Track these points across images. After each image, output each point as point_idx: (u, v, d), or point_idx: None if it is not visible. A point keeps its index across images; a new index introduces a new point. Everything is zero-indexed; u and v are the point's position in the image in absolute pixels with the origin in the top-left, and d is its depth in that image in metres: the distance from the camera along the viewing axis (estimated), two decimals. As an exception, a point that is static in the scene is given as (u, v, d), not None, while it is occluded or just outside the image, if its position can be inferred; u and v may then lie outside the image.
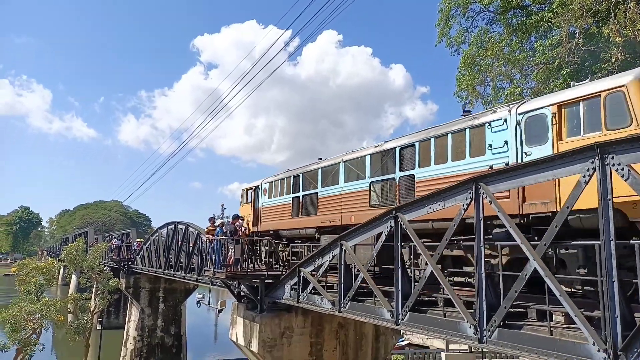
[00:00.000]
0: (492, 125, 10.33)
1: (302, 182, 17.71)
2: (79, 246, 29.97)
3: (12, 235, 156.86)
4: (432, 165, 11.72)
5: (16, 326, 20.10)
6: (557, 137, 9.02)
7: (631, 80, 8.05)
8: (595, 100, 8.48)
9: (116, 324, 48.10)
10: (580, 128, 8.72)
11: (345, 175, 15.18)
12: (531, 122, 9.58)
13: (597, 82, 8.84)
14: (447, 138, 11.41)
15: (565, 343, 6.49)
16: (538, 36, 22.28)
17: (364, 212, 14.01)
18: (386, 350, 17.85)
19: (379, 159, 13.75)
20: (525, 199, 9.27)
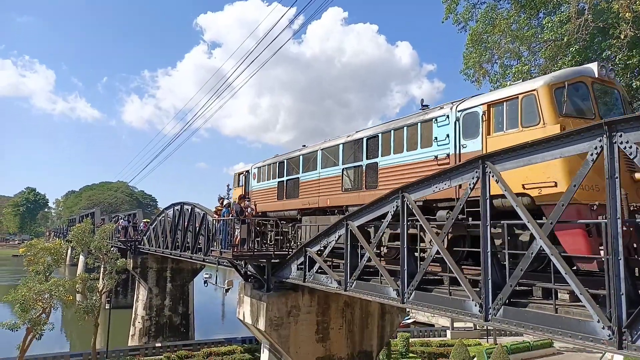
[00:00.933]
0: (438, 120, 11.64)
1: (286, 167, 19.00)
2: (86, 227, 30.15)
3: (19, 217, 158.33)
4: (391, 155, 13.12)
5: (26, 306, 20.40)
6: (486, 132, 10.35)
7: (541, 85, 9.40)
8: (515, 101, 9.83)
9: (124, 303, 48.83)
10: (503, 125, 10.07)
11: (323, 162, 16.47)
12: (467, 118, 10.90)
13: (517, 85, 10.17)
14: (403, 131, 12.77)
15: (570, 320, 6.54)
16: (546, 12, 21.87)
17: (337, 196, 15.47)
18: (392, 329, 18.08)
19: (350, 148, 15.06)
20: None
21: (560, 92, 9.28)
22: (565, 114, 9.13)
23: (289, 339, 15.26)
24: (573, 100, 9.48)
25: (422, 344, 31.57)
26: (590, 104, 9.62)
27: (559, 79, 9.51)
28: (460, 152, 10.88)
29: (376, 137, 13.83)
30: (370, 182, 13.86)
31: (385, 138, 13.47)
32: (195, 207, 24.20)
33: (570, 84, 9.42)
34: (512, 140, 9.13)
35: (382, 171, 13.38)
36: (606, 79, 10.09)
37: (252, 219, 16.26)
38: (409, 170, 12.37)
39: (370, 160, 13.94)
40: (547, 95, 9.26)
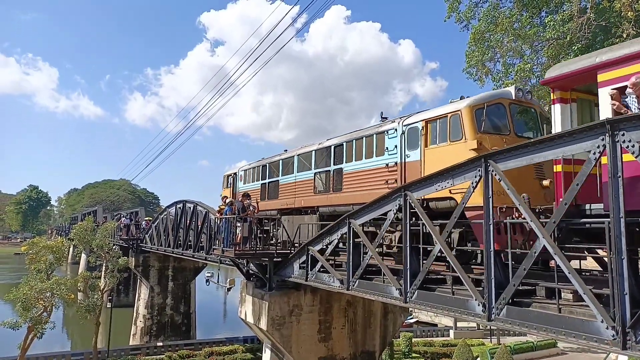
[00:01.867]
0: (389, 132, 13.24)
1: (268, 171, 20.76)
2: (88, 225, 30.17)
3: (21, 214, 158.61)
4: (354, 161, 14.72)
5: (27, 304, 20.38)
6: (424, 145, 11.96)
7: (464, 106, 11.02)
8: (445, 119, 11.48)
9: (126, 302, 48.85)
10: (437, 139, 11.67)
11: (299, 167, 18.08)
12: (410, 132, 12.48)
13: (448, 106, 11.73)
14: (363, 140, 14.37)
15: (573, 320, 6.50)
16: (549, 11, 21.82)
17: (310, 197, 17.01)
18: (394, 328, 18.06)
19: (321, 154, 16.63)
20: None
21: (480, 112, 10.86)
22: (483, 131, 10.72)
23: (291, 339, 15.25)
24: (491, 119, 11.07)
25: (425, 344, 31.51)
26: (506, 122, 11.23)
27: (479, 101, 11.06)
28: (405, 161, 12.53)
29: (342, 145, 15.43)
30: (337, 186, 15.43)
31: (349, 146, 15.08)
32: (197, 205, 24.19)
33: (489, 105, 10.98)
34: (442, 153, 11.34)
35: (346, 176, 14.96)
36: (523, 100, 11.52)
37: (254, 218, 16.24)
38: (367, 176, 13.99)
39: (337, 166, 15.53)
40: (468, 115, 10.87)
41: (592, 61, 8.02)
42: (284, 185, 18.97)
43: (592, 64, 7.96)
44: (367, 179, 13.90)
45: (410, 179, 12.00)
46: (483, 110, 10.84)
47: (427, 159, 11.78)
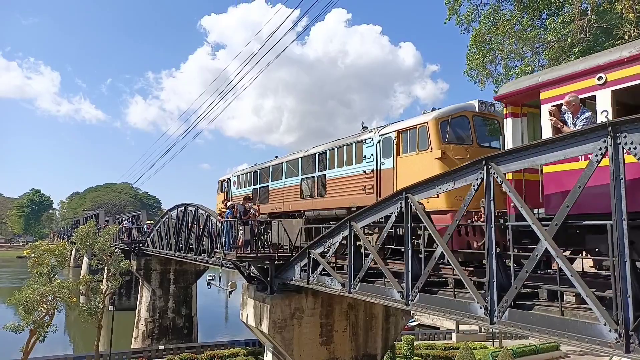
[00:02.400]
0: (366, 142, 14.22)
1: (259, 176, 21.78)
2: (90, 228, 30.21)
3: (23, 218, 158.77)
4: (335, 168, 15.69)
5: (29, 308, 20.39)
6: (396, 153, 12.94)
7: (430, 119, 12.06)
8: (414, 130, 12.51)
9: (128, 305, 48.83)
10: (407, 148, 12.66)
11: (287, 173, 19.01)
12: (385, 142, 13.46)
13: (417, 118, 12.78)
14: (344, 149, 15.32)
15: (576, 323, 6.47)
16: (550, 13, 21.79)
17: (296, 202, 17.93)
18: (396, 331, 18.02)
19: (307, 161, 17.56)
20: (380, 194, 13.23)
21: (445, 124, 11.77)
22: (447, 142, 11.68)
23: (293, 342, 15.22)
24: (455, 131, 11.98)
25: (427, 347, 31.49)
26: (469, 133, 12.11)
27: (444, 114, 12.01)
28: (381, 169, 13.49)
29: (325, 153, 16.38)
30: (321, 191, 16.35)
31: (331, 154, 16.04)
32: (199, 209, 24.19)
33: (454, 118, 11.92)
34: (411, 161, 12.42)
35: (329, 181, 15.92)
36: (486, 112, 12.29)
37: (256, 221, 16.25)
38: (347, 182, 14.92)
39: (321, 173, 16.46)
40: (434, 127, 11.86)
41: (536, 80, 8.90)
42: (274, 191, 19.92)
43: (536, 83, 8.79)
44: (347, 184, 14.87)
45: (384, 185, 13.23)
46: (448, 123, 11.78)
47: (399, 167, 12.88)
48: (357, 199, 14.24)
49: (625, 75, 7.29)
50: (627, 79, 7.26)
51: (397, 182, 12.68)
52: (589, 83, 7.87)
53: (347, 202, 14.62)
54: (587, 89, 7.87)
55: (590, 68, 7.91)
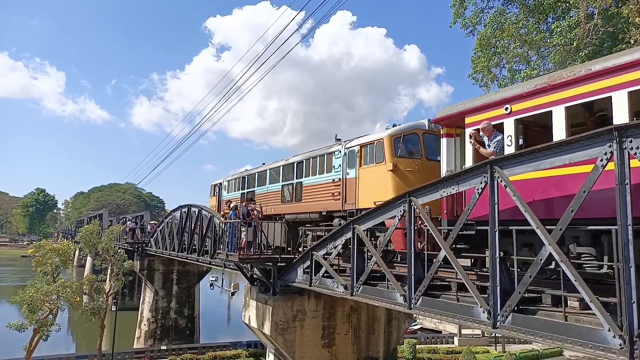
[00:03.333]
0: (335, 154, 15.85)
1: (247, 182, 23.46)
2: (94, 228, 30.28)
3: (28, 217, 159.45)
4: (310, 176, 17.22)
5: (33, 307, 20.47)
6: (359, 165, 14.55)
7: (385, 135, 13.64)
8: (372, 145, 14.13)
9: (130, 305, 48.86)
10: (367, 160, 14.23)
11: (270, 179, 20.64)
12: (350, 154, 15.07)
13: (376, 134, 14.36)
14: (317, 159, 16.93)
15: (580, 329, 6.42)
16: (555, 17, 21.75)
17: (278, 206, 19.37)
18: (398, 334, 17.96)
19: (287, 169, 19.16)
20: (346, 200, 14.84)
21: (398, 140, 13.44)
22: (399, 156, 13.28)
23: (295, 344, 15.19)
24: (406, 146, 13.54)
25: (429, 351, 31.32)
26: (419, 148, 13.65)
27: (398, 132, 13.67)
28: (346, 178, 15.04)
29: (302, 162, 17.90)
30: (298, 196, 17.83)
31: (307, 163, 17.57)
32: (202, 210, 24.21)
33: (405, 135, 13.58)
34: (370, 172, 14.06)
35: (305, 188, 17.44)
36: (435, 130, 13.10)
37: (259, 222, 16.24)
38: (319, 189, 16.47)
39: (298, 180, 17.96)
40: (388, 142, 13.47)
41: (462, 108, 10.49)
42: (259, 195, 21.35)
43: (462, 110, 10.42)
44: (319, 191, 16.42)
45: (349, 193, 14.83)
46: (400, 139, 13.48)
47: (361, 177, 14.44)
48: (327, 204, 15.83)
49: (524, 107, 8.96)
50: (526, 110, 8.92)
51: (359, 190, 14.38)
52: (499, 112, 9.47)
53: (319, 207, 16.24)
54: (498, 117, 9.42)
55: (500, 100, 9.49)
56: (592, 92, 7.83)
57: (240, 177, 24.61)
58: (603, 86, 7.65)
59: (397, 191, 12.37)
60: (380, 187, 13.41)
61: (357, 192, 14.31)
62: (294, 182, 18.27)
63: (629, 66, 7.37)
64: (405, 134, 13.52)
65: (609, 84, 7.57)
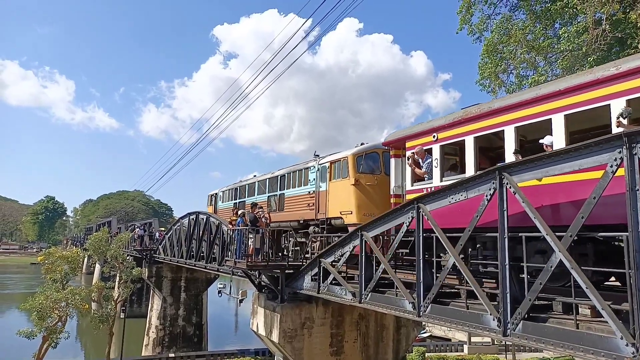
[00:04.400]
0: (311, 169, 17.65)
1: (238, 193, 25.83)
2: (102, 235, 30.45)
3: (38, 225, 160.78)
4: (291, 189, 19.06)
5: (42, 314, 20.54)
6: (329, 179, 16.26)
7: (349, 154, 15.44)
8: (339, 162, 15.95)
9: (139, 312, 48.93)
10: (335, 175, 16.04)
11: (259, 190, 22.90)
12: (322, 169, 16.84)
13: (343, 152, 16.04)
14: (297, 173, 18.79)
15: (591, 337, 6.35)
16: (563, 23, 21.70)
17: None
18: (407, 342, 17.82)
19: (272, 181, 21.20)
20: (319, 210, 16.62)
21: (360, 158, 15.29)
22: (360, 172, 15.10)
23: (303, 352, 15.11)
24: (367, 163, 15.33)
25: (439, 359, 31.07)
26: (379, 165, 15.31)
27: (360, 151, 15.47)
28: (319, 190, 16.83)
29: (285, 176, 19.92)
30: (281, 206, 19.69)
31: (288, 177, 19.52)
32: (210, 217, 24.26)
33: (367, 153, 15.39)
34: (338, 185, 15.77)
35: (286, 199, 19.28)
36: None
37: (266, 229, 16.26)
38: (298, 200, 18.19)
39: (281, 191, 19.94)
40: (352, 160, 15.30)
41: (403, 134, 12.66)
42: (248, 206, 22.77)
43: (404, 136, 12.55)
44: (298, 202, 18.12)
45: (321, 204, 16.56)
46: (362, 157, 15.32)
47: (330, 190, 16.15)
48: (303, 214, 17.59)
49: (446, 135, 11.04)
50: (447, 138, 11.00)
51: (329, 202, 16.12)
52: (429, 139, 11.50)
53: (297, 216, 18.04)
54: (429, 143, 11.46)
55: (430, 129, 11.59)
56: (491, 126, 9.79)
57: (233, 188, 26.90)
58: (498, 121, 9.64)
59: (359, 203, 14.73)
60: (345, 199, 15.26)
61: (327, 203, 16.14)
62: (277, 193, 20.32)
63: (517, 106, 9.26)
64: (367, 153, 15.41)
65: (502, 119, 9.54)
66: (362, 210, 14.48)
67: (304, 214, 17.47)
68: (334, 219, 15.66)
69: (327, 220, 15.88)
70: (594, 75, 8.07)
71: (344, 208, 15.12)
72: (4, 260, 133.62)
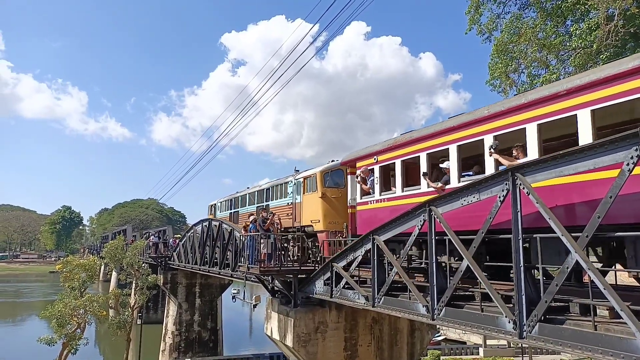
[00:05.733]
0: (289, 183, 20.16)
1: (233, 203, 29.06)
2: (118, 243, 30.77)
3: (55, 234, 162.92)
4: (274, 200, 21.88)
5: (62, 321, 20.84)
6: (302, 192, 18.47)
7: (318, 171, 17.56)
8: (310, 178, 18.16)
9: (155, 319, 49.31)
10: (307, 189, 18.17)
11: (249, 201, 25.74)
12: (298, 184, 19.08)
13: (313, 170, 18.21)
14: (279, 187, 21.47)
15: (610, 338, 6.23)
16: (574, 19, 21.40)
17: None
18: (422, 346, 17.66)
19: (260, 194, 24.19)
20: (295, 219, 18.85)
21: (327, 175, 17.40)
22: (327, 186, 17.16)
23: (317, 356, 15.05)
24: (333, 179, 17.39)
25: (454, 361, 30.77)
26: (343, 180, 17.10)
27: (327, 168, 17.55)
28: (295, 202, 19.01)
29: (270, 189, 22.70)
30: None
31: (272, 190, 22.36)
32: (222, 223, 24.38)
33: (332, 170, 17.45)
34: (309, 198, 17.90)
35: (271, 209, 20.86)
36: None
37: (279, 235, 16.28)
38: (279, 210, 20.25)
39: (267, 202, 22.63)
40: (319, 176, 17.41)
41: (355, 155, 15.04)
42: (242, 215, 25.90)
43: (355, 157, 14.96)
44: (279, 212, 19.89)
45: (297, 214, 18.76)
46: (328, 174, 17.45)
47: (304, 202, 18.28)
48: (284, 222, 19.42)
49: (384, 158, 13.32)
50: (384, 160, 13.30)
51: (302, 212, 18.25)
52: (372, 161, 13.83)
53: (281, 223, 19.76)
54: (372, 164, 13.86)
55: (373, 152, 13.85)
56: (411, 152, 12.22)
57: (229, 199, 30.29)
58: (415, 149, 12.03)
59: (325, 213, 16.76)
60: (314, 209, 17.29)
61: (302, 213, 18.28)
62: (263, 204, 23.00)
63: (430, 136, 11.59)
64: (332, 170, 17.53)
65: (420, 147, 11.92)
66: (328, 219, 16.64)
67: (285, 222, 19.47)
68: (307, 227, 17.70)
69: (302, 227, 17.97)
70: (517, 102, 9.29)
71: (313, 217, 17.26)
72: (24, 269, 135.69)
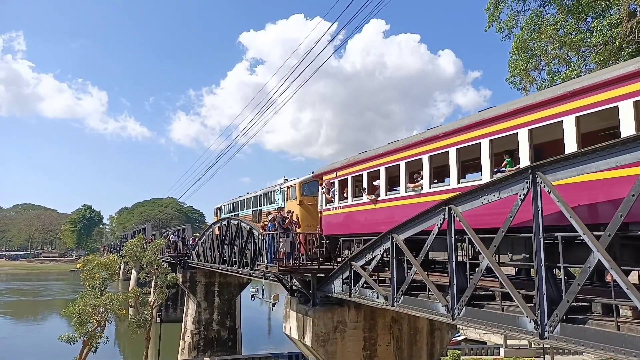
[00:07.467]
0: (277, 191, 23.91)
1: (235, 207, 33.60)
2: (138, 242, 31.21)
3: (76, 233, 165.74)
4: (265, 205, 25.52)
5: (82, 320, 21.16)
6: (287, 199, 21.84)
7: (297, 182, 20.83)
8: (292, 187, 21.49)
9: (174, 317, 49.84)
10: (290, 197, 21.42)
11: (247, 206, 29.94)
12: (283, 192, 22.52)
13: (294, 181, 21.41)
14: (269, 194, 25.41)
15: (634, 338, 6.15)
16: (595, 16, 21.05)
17: None
18: (442, 346, 17.58)
19: (255, 199, 27.96)
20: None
21: (305, 185, 20.61)
22: (304, 195, 20.35)
23: (336, 355, 15.10)
24: (310, 189, 20.40)
25: (474, 362, 30.52)
26: (317, 190, 18.66)
27: (305, 180, 20.66)
28: (281, 207, 20.58)
29: (262, 195, 26.52)
30: (259, 219, 25.34)
31: (264, 196, 26.29)
32: (241, 222, 24.56)
33: (309, 182, 20.35)
34: (291, 205, 20.82)
35: (263, 213, 24.88)
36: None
37: (297, 234, 16.36)
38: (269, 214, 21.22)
39: (260, 207, 26.57)
40: (298, 186, 20.69)
41: (322, 170, 17.90)
42: (242, 217, 28.22)
43: (321, 172, 17.91)
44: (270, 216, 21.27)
45: None
46: (306, 184, 20.58)
47: (287, 207, 20.60)
48: None
49: (342, 174, 16.36)
50: (342, 175, 16.33)
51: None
52: (333, 176, 16.88)
53: None
54: (333, 179, 16.87)
55: (334, 168, 16.86)
56: (357, 170, 15.36)
57: (231, 203, 34.57)
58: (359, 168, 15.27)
59: (303, 218, 19.62)
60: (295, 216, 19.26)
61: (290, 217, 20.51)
62: (257, 208, 26.59)
63: (386, 154, 13.83)
64: (309, 181, 20.45)
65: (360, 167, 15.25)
66: (305, 222, 19.53)
67: None
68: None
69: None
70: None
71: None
72: (45, 267, 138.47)
